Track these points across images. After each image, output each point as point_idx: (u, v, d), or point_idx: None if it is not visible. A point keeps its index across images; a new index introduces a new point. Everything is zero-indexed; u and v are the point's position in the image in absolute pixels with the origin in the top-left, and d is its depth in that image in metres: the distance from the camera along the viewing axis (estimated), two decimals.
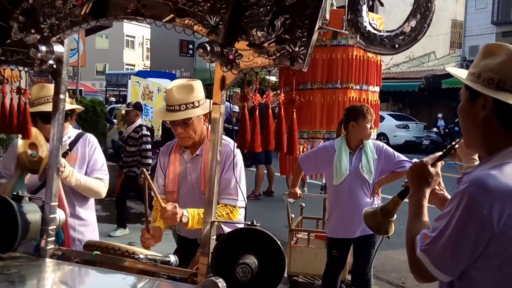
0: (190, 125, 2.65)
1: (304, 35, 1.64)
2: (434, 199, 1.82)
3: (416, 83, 23.12)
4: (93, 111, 10.67)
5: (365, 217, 1.94)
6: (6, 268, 2.02)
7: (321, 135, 4.94)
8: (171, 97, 2.64)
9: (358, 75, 4.84)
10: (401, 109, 25.40)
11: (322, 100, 4.87)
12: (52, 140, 2.19)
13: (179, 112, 2.61)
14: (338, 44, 4.80)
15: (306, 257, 4.76)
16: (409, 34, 1.55)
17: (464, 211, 1.45)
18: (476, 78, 1.58)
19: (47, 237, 2.17)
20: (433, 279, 1.55)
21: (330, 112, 4.88)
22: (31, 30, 2.05)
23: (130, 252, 2.18)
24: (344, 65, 4.82)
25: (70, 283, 2.07)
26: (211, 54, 1.71)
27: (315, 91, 4.87)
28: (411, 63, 27.33)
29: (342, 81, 4.85)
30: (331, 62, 4.82)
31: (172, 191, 2.79)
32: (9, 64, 2.13)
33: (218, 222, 1.93)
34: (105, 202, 8.19)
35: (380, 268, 5.72)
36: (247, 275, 1.70)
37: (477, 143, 1.63)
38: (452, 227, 1.47)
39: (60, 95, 2.16)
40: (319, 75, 4.85)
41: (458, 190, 1.51)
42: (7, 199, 2.13)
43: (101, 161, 3.07)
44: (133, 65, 46.80)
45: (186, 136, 2.69)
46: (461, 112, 1.65)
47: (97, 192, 2.99)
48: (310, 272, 4.89)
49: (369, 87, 4.97)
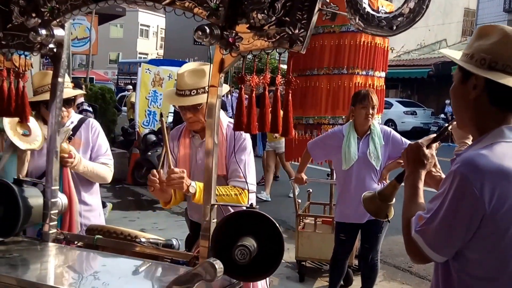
0: (200, 110, 2.58)
1: (304, 17, 1.63)
2: (431, 181, 1.81)
3: (425, 70, 23.06)
4: (102, 99, 10.72)
5: (363, 202, 1.93)
6: (9, 252, 2.05)
7: (326, 121, 4.90)
8: (182, 81, 2.58)
9: (365, 60, 4.80)
10: (409, 96, 25.37)
11: (328, 86, 4.82)
12: (51, 124, 2.19)
13: (189, 97, 2.55)
14: (347, 31, 4.74)
15: (314, 242, 4.77)
16: (407, 15, 1.53)
17: (456, 191, 1.46)
18: (469, 58, 1.58)
19: (50, 221, 2.19)
20: (428, 260, 1.56)
21: (335, 97, 4.84)
22: (31, 14, 2.05)
23: (133, 236, 2.19)
24: (351, 51, 4.77)
25: (71, 267, 2.07)
26: (210, 36, 1.70)
27: (321, 76, 4.83)
28: (422, 50, 27.15)
29: (349, 67, 4.80)
30: (338, 48, 4.77)
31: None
32: (10, 48, 2.13)
33: (218, 205, 1.92)
34: (116, 189, 8.31)
35: (387, 253, 5.74)
36: (245, 257, 1.69)
37: (468, 123, 1.63)
38: (445, 208, 1.48)
39: (58, 79, 2.16)
40: (326, 61, 4.80)
41: (450, 170, 1.51)
42: (9, 184, 2.15)
43: (105, 146, 3.07)
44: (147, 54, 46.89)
45: (195, 121, 2.64)
46: (453, 93, 1.66)
47: (103, 177, 3.01)
48: (318, 257, 4.90)
49: (375, 72, 4.92)
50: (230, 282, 1.85)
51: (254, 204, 1.89)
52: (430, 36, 26.33)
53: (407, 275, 5.25)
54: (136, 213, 7.36)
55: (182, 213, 7.27)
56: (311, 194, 5.32)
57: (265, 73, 1.68)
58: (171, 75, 10.16)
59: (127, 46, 46.84)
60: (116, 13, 14.38)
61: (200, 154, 2.71)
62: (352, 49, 4.76)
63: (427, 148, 1.73)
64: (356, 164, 3.87)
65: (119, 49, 46.17)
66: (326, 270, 5.04)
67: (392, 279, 5.10)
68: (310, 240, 4.78)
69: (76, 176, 2.93)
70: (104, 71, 36.64)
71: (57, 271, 1.99)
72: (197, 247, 2.13)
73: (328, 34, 4.78)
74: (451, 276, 1.54)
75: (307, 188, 5.31)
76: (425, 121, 21.00)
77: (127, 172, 9.11)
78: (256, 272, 1.79)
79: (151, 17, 47.84)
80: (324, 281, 4.86)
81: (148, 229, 5.76)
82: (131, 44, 47.50)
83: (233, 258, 1.70)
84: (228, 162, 2.63)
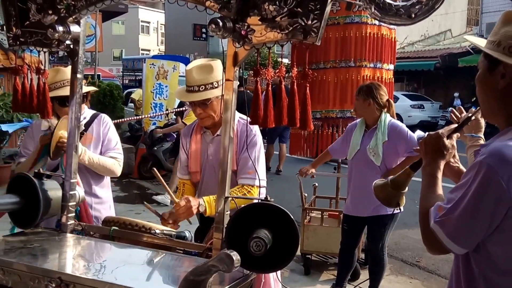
0: (209, 105, 2.62)
1: (317, 7, 1.63)
2: (449, 171, 1.79)
3: (432, 62, 22.54)
4: (110, 95, 10.81)
5: (374, 190, 1.90)
6: (29, 243, 2.11)
7: (334, 114, 4.89)
8: (190, 77, 2.61)
9: (372, 53, 4.76)
10: (416, 89, 24.90)
11: (336, 79, 4.80)
12: (71, 120, 2.24)
13: (198, 93, 2.59)
14: (352, 22, 4.70)
15: (320, 235, 4.80)
16: (426, 3, 1.51)
17: (482, 182, 1.41)
18: (496, 46, 1.52)
19: (68, 213, 2.24)
20: (447, 251, 1.52)
21: (343, 91, 4.83)
22: (48, 11, 2.10)
23: (147, 227, 2.23)
24: (357, 43, 4.74)
25: (89, 256, 2.13)
26: (223, 29, 1.71)
27: (328, 70, 4.81)
28: (427, 41, 26.51)
29: (356, 60, 4.77)
30: (344, 40, 4.74)
31: (195, 171, 2.81)
32: (28, 45, 2.18)
33: (232, 198, 1.96)
34: (123, 183, 8.42)
35: (394, 247, 5.75)
36: (260, 249, 1.72)
37: (495, 113, 1.58)
38: (469, 198, 1.43)
39: (77, 75, 2.20)
40: (332, 53, 4.77)
41: (475, 161, 1.47)
42: (29, 177, 2.20)
43: (115, 140, 3.12)
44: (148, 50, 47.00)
45: (205, 117, 2.67)
46: (479, 82, 1.60)
47: (112, 170, 3.04)
48: (324, 250, 4.92)
49: (383, 65, 4.89)
50: (244, 273, 1.89)
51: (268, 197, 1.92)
52: (433, 27, 25.67)
53: (415, 270, 5.25)
54: (142, 206, 7.45)
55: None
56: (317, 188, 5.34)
57: (280, 66, 1.71)
58: (175, 66, 10.27)
59: (129, 42, 47.04)
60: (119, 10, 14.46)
61: (211, 150, 2.74)
62: (358, 40, 4.72)
63: (447, 139, 1.70)
64: (356, 157, 3.91)
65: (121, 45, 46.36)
66: (332, 263, 5.09)
67: (399, 273, 5.10)
68: (316, 233, 4.81)
69: (87, 170, 2.98)
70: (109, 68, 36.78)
71: (76, 261, 2.04)
72: (209, 238, 2.17)
73: (333, 26, 4.71)
74: (471, 268, 1.51)
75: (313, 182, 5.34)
76: (433, 114, 20.59)
77: (133, 167, 9.25)
78: (271, 263, 1.82)
79: (151, 13, 48.02)
80: (330, 274, 4.90)
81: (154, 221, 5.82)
82: (133, 40, 47.68)
83: (248, 250, 1.73)
84: (239, 158, 2.66)
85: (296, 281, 4.69)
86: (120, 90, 12.38)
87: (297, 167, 9.52)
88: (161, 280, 1.95)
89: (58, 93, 2.88)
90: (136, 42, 48.21)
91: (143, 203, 7.52)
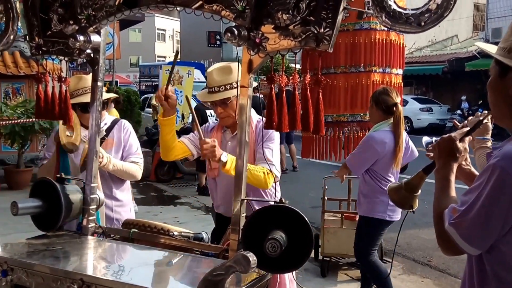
0: (230, 105, 2.75)
1: (329, 16, 1.68)
2: (461, 174, 1.82)
3: (439, 67, 23.16)
4: (128, 101, 11.00)
5: (389, 192, 1.95)
6: (52, 245, 2.18)
7: (345, 118, 4.90)
8: (211, 79, 2.76)
9: (381, 58, 4.78)
10: (424, 93, 25.33)
11: (346, 84, 4.82)
12: (91, 126, 2.32)
13: (218, 93, 2.73)
14: (361, 28, 4.74)
15: (340, 238, 4.81)
16: (435, 11, 1.55)
17: (495, 185, 1.44)
18: (507, 52, 1.55)
19: (88, 216, 2.31)
20: (461, 253, 1.55)
21: (353, 95, 4.84)
22: (69, 21, 2.18)
23: (165, 229, 2.29)
24: (367, 49, 4.76)
25: (109, 258, 2.19)
26: (238, 38, 1.77)
27: (338, 75, 4.83)
28: (434, 47, 27.15)
29: (365, 65, 4.79)
30: (354, 46, 4.77)
31: (214, 168, 2.87)
32: (51, 54, 2.26)
33: (247, 199, 2.01)
34: (140, 186, 8.58)
35: (405, 247, 5.80)
36: (276, 250, 1.77)
37: (507, 117, 1.60)
38: (482, 201, 1.46)
39: (98, 83, 2.28)
40: (342, 59, 4.79)
41: (488, 163, 1.50)
42: (51, 181, 2.28)
43: (136, 145, 3.21)
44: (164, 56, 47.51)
45: (226, 116, 2.80)
46: (490, 87, 1.63)
47: (133, 175, 3.13)
48: (344, 252, 4.90)
49: (392, 69, 4.90)
50: (259, 274, 1.93)
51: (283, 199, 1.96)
52: (440, 33, 26.19)
53: (427, 269, 5.28)
54: (159, 208, 7.70)
55: (202, 208, 7.55)
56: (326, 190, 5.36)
57: (294, 73, 1.75)
58: (190, 72, 10.38)
59: (146, 49, 47.72)
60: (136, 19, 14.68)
61: (230, 146, 2.82)
62: (368, 46, 4.75)
63: (460, 142, 1.73)
64: None
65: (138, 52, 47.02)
66: (345, 263, 5.16)
67: (411, 272, 5.14)
68: (337, 236, 4.82)
69: (108, 174, 3.06)
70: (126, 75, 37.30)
71: (97, 263, 2.11)
72: (226, 240, 2.22)
73: (342, 32, 4.74)
74: (485, 269, 1.54)
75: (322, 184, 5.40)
76: (441, 117, 21.01)
77: (150, 170, 9.46)
78: (286, 264, 1.87)
79: (166, 21, 48.70)
80: (343, 273, 4.96)
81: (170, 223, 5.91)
82: (149, 47, 48.37)
83: (264, 251, 1.78)
84: (256, 150, 2.75)
85: (310, 281, 4.73)
86: (138, 95, 12.57)
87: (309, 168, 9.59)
88: (179, 280, 2.00)
89: (80, 100, 2.97)
90: (153, 49, 48.87)
91: (160, 205, 7.73)
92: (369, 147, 3.78)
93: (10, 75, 9.36)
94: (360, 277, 4.47)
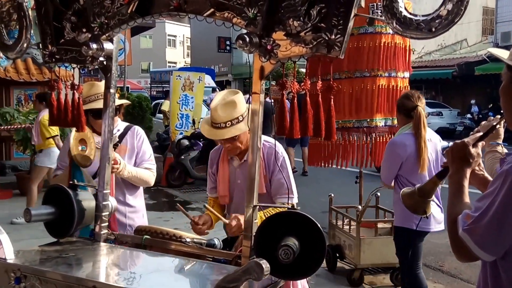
0: (237, 139, 2.73)
1: (340, 22, 1.68)
2: (474, 179, 1.81)
3: (449, 71, 23.20)
4: (139, 106, 11.08)
5: (402, 197, 1.95)
6: (64, 252, 2.19)
7: (351, 124, 4.84)
8: (216, 115, 2.70)
9: (386, 62, 4.73)
10: (434, 97, 25.28)
11: (351, 90, 4.77)
12: (104, 133, 2.33)
13: (225, 129, 2.67)
14: (366, 32, 4.70)
15: (375, 247, 4.72)
16: (446, 17, 1.55)
17: (509, 191, 1.44)
18: None
19: (101, 222, 2.32)
20: (476, 259, 1.55)
21: (359, 101, 4.79)
22: (82, 30, 2.20)
23: (178, 236, 2.30)
24: (370, 53, 4.71)
25: (122, 265, 2.20)
26: (250, 45, 1.78)
27: (343, 80, 4.76)
28: (443, 51, 27.24)
29: (370, 69, 4.74)
30: (358, 50, 4.72)
31: (224, 195, 2.90)
32: (64, 62, 2.28)
33: (259, 206, 2.00)
34: (151, 191, 8.63)
35: None
36: (289, 257, 1.76)
37: None
38: (496, 207, 1.46)
39: (110, 90, 2.29)
40: (345, 64, 4.73)
41: (502, 170, 1.50)
42: (64, 188, 2.29)
43: (149, 152, 3.23)
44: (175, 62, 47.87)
45: (233, 149, 2.78)
46: (503, 93, 1.62)
47: (147, 181, 3.16)
48: (380, 262, 4.82)
49: (398, 73, 4.84)
50: (272, 280, 1.93)
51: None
52: (450, 37, 26.31)
53: (439, 274, 5.25)
54: (170, 214, 7.72)
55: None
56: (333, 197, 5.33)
57: (305, 80, 1.75)
58: (200, 78, 10.49)
59: (157, 55, 48.06)
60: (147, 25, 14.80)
61: (240, 175, 2.83)
62: (372, 50, 4.70)
63: (473, 147, 1.72)
64: None
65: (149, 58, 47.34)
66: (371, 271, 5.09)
67: None
68: (372, 246, 4.72)
69: (121, 180, 3.08)
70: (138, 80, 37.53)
71: (109, 270, 2.12)
72: (238, 246, 2.22)
73: None
74: (499, 275, 1.53)
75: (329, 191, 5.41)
76: (451, 121, 21.02)
77: (161, 175, 9.50)
78: (299, 271, 1.86)
79: (177, 27, 49.13)
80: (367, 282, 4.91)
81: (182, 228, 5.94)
82: (160, 53, 48.73)
83: (277, 258, 1.77)
84: (271, 180, 2.75)
85: (322, 285, 4.72)
86: (149, 101, 12.66)
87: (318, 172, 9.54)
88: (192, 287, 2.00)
89: (92, 106, 2.99)
90: (163, 55, 49.21)
91: (171, 210, 7.74)
92: (391, 153, 3.77)
93: (22, 81, 9.44)
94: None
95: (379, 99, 4.79)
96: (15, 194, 8.55)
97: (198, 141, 9.52)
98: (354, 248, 4.75)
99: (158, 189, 9.09)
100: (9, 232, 2.09)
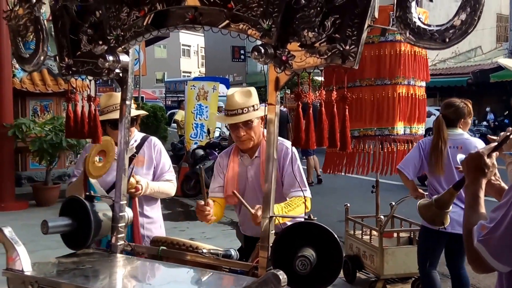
0: (252, 127, 2.80)
1: (354, 33, 1.69)
2: (490, 189, 1.81)
3: (464, 78, 23.20)
4: (154, 116, 11.17)
5: (419, 209, 1.95)
6: (81, 264, 2.19)
7: (372, 132, 4.82)
8: (233, 102, 2.80)
9: (406, 70, 4.73)
10: None
11: (372, 97, 4.77)
12: (120, 144, 2.35)
13: (242, 115, 2.78)
14: (386, 40, 4.70)
15: (398, 257, 4.68)
16: (459, 27, 1.55)
17: None
18: None
19: (117, 233, 2.33)
20: (492, 270, 1.54)
21: (380, 108, 4.78)
22: (98, 42, 2.23)
23: (194, 247, 2.29)
24: (392, 61, 4.72)
25: (139, 276, 2.20)
26: (265, 56, 1.79)
27: (364, 88, 4.78)
28: (458, 58, 27.19)
29: (391, 77, 4.75)
30: (379, 58, 4.73)
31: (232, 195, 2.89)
32: (80, 74, 2.30)
33: (276, 217, 2.00)
34: (166, 201, 8.67)
35: None
36: (306, 268, 1.76)
37: None
38: (510, 217, 1.46)
39: (126, 101, 2.31)
40: (367, 72, 4.75)
41: None
42: (81, 200, 2.31)
43: (168, 163, 3.26)
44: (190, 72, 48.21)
45: (247, 139, 2.83)
46: None
47: (168, 193, 3.22)
48: (403, 272, 4.77)
49: (416, 82, 4.86)
50: None
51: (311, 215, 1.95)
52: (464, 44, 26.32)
53: None
54: (186, 223, 7.73)
55: (229, 222, 7.48)
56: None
57: (321, 90, 1.75)
58: (215, 87, 10.55)
59: (171, 65, 48.46)
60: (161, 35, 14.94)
61: (251, 172, 2.88)
62: (393, 58, 4.71)
63: (488, 157, 1.73)
64: None
65: (164, 68, 47.76)
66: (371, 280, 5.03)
67: None
68: (395, 256, 4.68)
69: None
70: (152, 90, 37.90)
71: (126, 281, 2.12)
72: (254, 257, 2.21)
73: (368, 44, 4.72)
74: None
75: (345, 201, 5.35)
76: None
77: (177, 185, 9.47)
78: (316, 282, 1.85)
79: (191, 37, 49.54)
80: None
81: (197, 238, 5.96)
82: (174, 63, 49.12)
83: (294, 269, 1.77)
84: (283, 175, 2.80)
85: None
86: (164, 111, 12.79)
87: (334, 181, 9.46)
88: None
89: (110, 117, 3.02)
90: (178, 65, 49.63)
91: (186, 220, 7.76)
92: (414, 147, 4.01)
93: (38, 92, 9.57)
94: None
95: (400, 107, 4.80)
96: (31, 204, 8.64)
97: (213, 151, 9.56)
98: (376, 259, 4.70)
99: (173, 199, 9.12)
100: (25, 243, 2.10)
